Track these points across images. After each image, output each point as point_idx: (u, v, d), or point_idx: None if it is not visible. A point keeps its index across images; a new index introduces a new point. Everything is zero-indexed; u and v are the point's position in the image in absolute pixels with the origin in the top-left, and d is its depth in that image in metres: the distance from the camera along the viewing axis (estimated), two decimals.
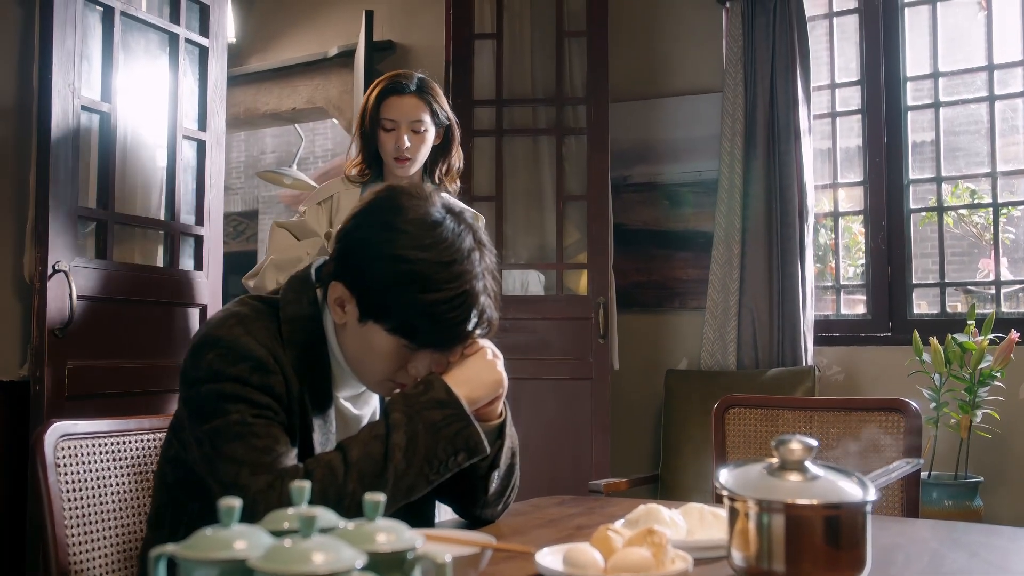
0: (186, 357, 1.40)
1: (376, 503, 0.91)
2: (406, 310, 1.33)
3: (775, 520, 1.15)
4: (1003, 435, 3.35)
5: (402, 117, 2.52)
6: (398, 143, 2.52)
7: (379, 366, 1.39)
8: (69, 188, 2.53)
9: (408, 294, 1.32)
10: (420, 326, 1.34)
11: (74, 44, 2.55)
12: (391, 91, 2.55)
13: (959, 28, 4.12)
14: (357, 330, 1.38)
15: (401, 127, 2.52)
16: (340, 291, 1.38)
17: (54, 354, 2.50)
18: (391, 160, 2.56)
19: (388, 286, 1.33)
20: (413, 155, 2.54)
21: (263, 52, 5.37)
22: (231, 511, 0.87)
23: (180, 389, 1.41)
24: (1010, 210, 3.87)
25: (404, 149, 2.52)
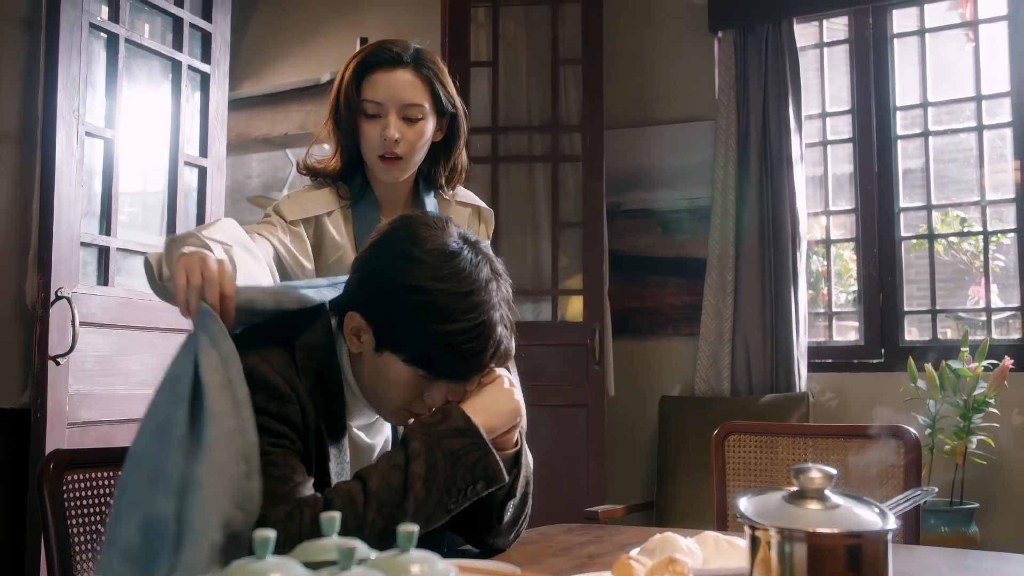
0: None
1: (410, 534, 0.91)
2: (423, 341, 1.33)
3: (797, 549, 1.15)
4: (997, 461, 3.37)
5: (390, 98, 1.80)
6: (384, 133, 1.80)
7: (395, 396, 1.39)
8: (72, 214, 2.53)
9: (426, 325, 1.32)
10: (437, 357, 1.34)
11: (79, 70, 2.55)
12: (375, 63, 1.81)
13: (948, 59, 4.18)
14: (373, 360, 1.38)
15: (389, 111, 1.80)
16: (356, 321, 1.38)
17: (55, 381, 2.48)
18: (373, 160, 1.84)
19: (405, 317, 1.33)
20: (405, 152, 1.82)
21: (256, 77, 5.39)
22: (266, 543, 0.87)
23: None
24: (999, 238, 3.91)
25: (392, 142, 1.79)
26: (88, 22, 2.63)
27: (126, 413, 2.71)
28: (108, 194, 2.69)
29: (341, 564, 0.83)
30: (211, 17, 3.09)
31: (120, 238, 2.75)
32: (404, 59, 1.82)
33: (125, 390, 2.74)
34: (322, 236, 1.87)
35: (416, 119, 1.81)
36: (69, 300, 2.47)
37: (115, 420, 2.67)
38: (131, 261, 2.86)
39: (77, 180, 2.55)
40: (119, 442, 2.61)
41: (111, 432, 2.66)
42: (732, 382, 3.86)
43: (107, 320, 2.65)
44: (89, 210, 2.67)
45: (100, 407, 2.64)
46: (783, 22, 3.91)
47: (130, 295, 2.78)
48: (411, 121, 1.81)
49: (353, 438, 1.48)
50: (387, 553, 0.91)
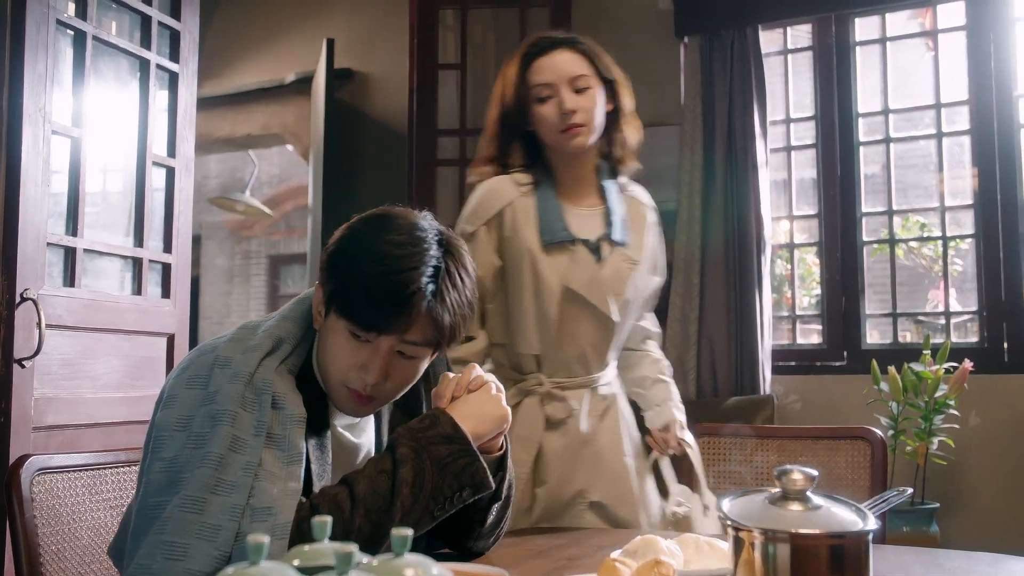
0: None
1: (404, 537, 0.91)
2: (347, 283, 1.32)
3: (780, 550, 1.17)
4: (957, 462, 3.44)
5: (558, 76, 1.93)
6: (562, 108, 1.91)
7: (335, 365, 1.36)
8: (38, 214, 2.48)
9: (350, 265, 1.33)
10: (356, 300, 1.31)
11: (45, 68, 2.51)
12: (536, 52, 1.97)
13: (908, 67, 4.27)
14: (322, 332, 1.39)
15: (561, 88, 1.93)
16: (318, 293, 1.40)
17: (20, 385, 2.43)
18: (556, 136, 1.94)
19: (338, 263, 1.35)
20: (585, 120, 1.92)
21: (218, 77, 5.33)
22: (260, 547, 0.86)
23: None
24: (958, 243, 4.00)
25: (571, 113, 1.91)
26: (55, 18, 2.58)
27: (93, 417, 2.67)
28: (75, 194, 2.64)
29: (338, 569, 0.83)
30: (180, 15, 3.05)
31: (87, 239, 2.71)
32: (561, 42, 1.98)
33: (92, 393, 2.69)
34: (509, 225, 1.98)
35: (586, 88, 1.95)
36: (35, 302, 2.42)
37: (81, 424, 2.63)
38: (98, 262, 2.81)
39: (43, 180, 2.50)
40: (85, 446, 2.58)
41: (77, 436, 2.61)
42: (697, 384, 3.89)
43: (73, 322, 2.61)
44: (55, 210, 2.62)
45: (66, 411, 2.59)
46: (748, 29, 3.96)
47: (96, 297, 2.74)
48: (582, 91, 1.94)
49: (338, 437, 1.47)
50: (381, 557, 0.90)
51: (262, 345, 1.36)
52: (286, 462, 1.30)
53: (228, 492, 1.24)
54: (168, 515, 1.24)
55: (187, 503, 1.23)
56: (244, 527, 1.24)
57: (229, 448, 1.27)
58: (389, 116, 4.67)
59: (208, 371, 1.33)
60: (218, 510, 1.23)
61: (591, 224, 2.04)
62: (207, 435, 1.27)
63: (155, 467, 1.29)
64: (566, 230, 1.99)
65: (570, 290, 1.97)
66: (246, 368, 1.33)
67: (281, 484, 1.28)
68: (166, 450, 1.29)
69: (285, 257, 10.44)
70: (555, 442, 2.00)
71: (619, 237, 2.03)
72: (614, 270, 2.02)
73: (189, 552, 1.21)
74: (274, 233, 10.48)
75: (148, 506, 1.27)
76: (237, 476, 1.26)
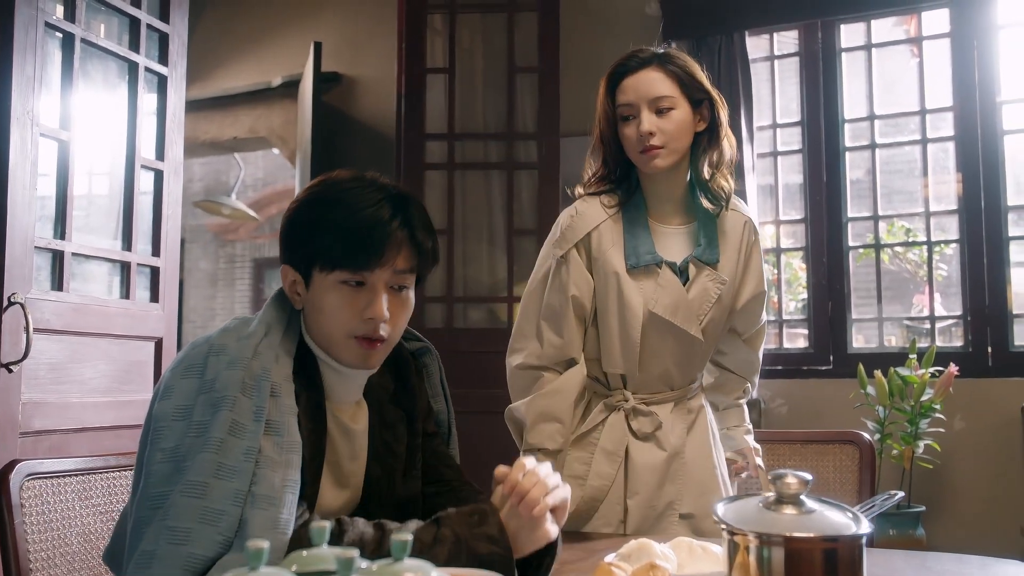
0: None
1: (404, 542, 0.91)
2: (324, 237, 1.36)
3: (775, 553, 1.17)
4: (943, 465, 3.47)
5: (639, 96, 1.91)
6: (639, 129, 1.90)
7: (337, 322, 1.38)
8: (26, 217, 2.47)
9: (320, 220, 1.37)
10: (339, 245, 1.36)
11: (34, 70, 2.49)
12: (623, 72, 1.95)
13: (893, 74, 4.30)
14: (311, 302, 1.40)
15: (641, 109, 1.90)
16: (289, 273, 1.42)
17: (7, 389, 2.42)
18: (636, 157, 1.93)
19: (306, 226, 1.39)
20: (663, 142, 1.89)
21: (204, 80, 5.31)
22: (259, 553, 0.86)
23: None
24: (943, 248, 4.03)
25: (648, 135, 1.88)
26: (43, 21, 2.56)
27: (80, 422, 2.65)
28: (63, 197, 2.63)
29: (340, 574, 0.83)
30: (168, 18, 3.04)
31: (75, 242, 2.69)
32: (648, 60, 1.94)
33: (79, 398, 2.68)
34: (596, 247, 1.97)
35: (668, 109, 1.90)
36: (23, 305, 2.40)
37: (69, 429, 2.61)
38: (86, 266, 2.80)
39: (31, 183, 2.48)
40: (73, 451, 2.56)
41: (65, 441, 2.59)
42: None
43: (61, 326, 2.59)
44: (43, 214, 2.61)
45: (54, 416, 2.57)
46: (735, 34, 3.98)
47: (84, 301, 2.72)
48: (663, 112, 1.90)
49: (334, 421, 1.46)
50: (381, 562, 0.90)
51: (256, 332, 1.38)
52: (286, 449, 1.31)
53: (230, 477, 1.25)
54: (171, 502, 1.24)
55: (189, 488, 1.24)
56: (246, 514, 1.25)
57: (229, 432, 1.27)
58: (377, 120, 4.67)
59: (203, 360, 1.34)
60: (220, 495, 1.24)
61: (680, 244, 2.00)
62: (208, 422, 1.28)
63: (156, 458, 1.29)
64: (651, 253, 1.96)
65: (654, 314, 1.95)
66: (242, 355, 1.34)
67: (282, 472, 1.29)
68: (166, 440, 1.29)
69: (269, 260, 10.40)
70: (645, 455, 1.98)
71: (707, 257, 1.97)
72: (701, 290, 1.97)
73: (192, 536, 1.22)
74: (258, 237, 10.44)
75: (151, 496, 1.27)
76: (238, 461, 1.26)
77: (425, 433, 1.62)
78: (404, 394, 1.57)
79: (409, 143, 4.06)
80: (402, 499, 1.53)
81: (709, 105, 1.95)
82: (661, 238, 1.99)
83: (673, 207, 2.00)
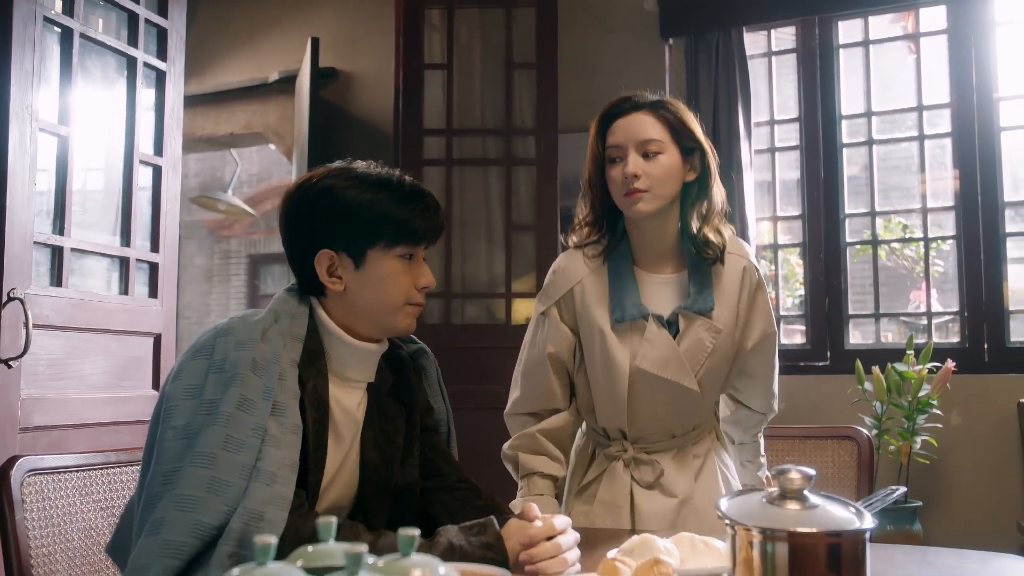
0: None
1: (411, 538, 0.91)
2: (379, 215, 1.46)
3: (779, 548, 1.18)
4: (940, 461, 3.48)
5: (628, 138, 1.86)
6: (624, 171, 1.85)
7: (395, 291, 1.48)
8: (25, 213, 2.46)
9: (371, 203, 1.46)
10: (396, 220, 1.46)
11: (33, 65, 2.49)
12: (615, 114, 1.90)
13: (891, 70, 4.30)
14: (360, 278, 1.47)
15: (628, 151, 1.86)
16: (326, 257, 1.47)
17: (6, 385, 2.41)
18: (621, 200, 1.88)
19: (357, 211, 1.46)
20: (648, 186, 1.83)
21: (200, 76, 5.29)
22: (266, 549, 0.86)
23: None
24: (940, 244, 4.04)
25: (632, 177, 1.83)
26: (42, 15, 2.56)
27: (80, 418, 2.65)
28: (62, 192, 2.62)
29: (348, 569, 0.83)
30: (167, 13, 3.03)
31: (74, 238, 2.69)
32: (641, 105, 1.89)
33: (78, 394, 2.67)
34: (579, 303, 1.94)
35: (655, 153, 1.85)
36: (22, 301, 2.40)
37: (68, 425, 2.60)
38: (85, 261, 2.79)
39: (30, 178, 2.48)
40: (72, 447, 2.56)
41: (64, 437, 2.59)
42: None
43: (60, 322, 2.59)
44: (41, 209, 2.60)
45: (53, 411, 2.57)
46: (733, 30, 3.98)
47: (84, 296, 2.72)
48: (650, 156, 1.85)
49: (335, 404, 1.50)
50: (388, 557, 0.91)
51: (265, 319, 1.44)
52: (289, 430, 1.36)
53: (237, 450, 1.30)
54: (181, 472, 1.29)
55: (198, 459, 1.29)
56: (249, 485, 1.30)
57: (238, 407, 1.32)
58: (374, 116, 4.66)
59: (212, 341, 1.40)
60: (227, 467, 1.29)
61: (670, 294, 1.93)
62: (218, 399, 1.33)
63: (168, 435, 1.34)
64: (637, 306, 1.90)
65: (641, 369, 1.89)
66: (251, 336, 1.39)
67: (284, 451, 1.34)
68: (177, 418, 1.34)
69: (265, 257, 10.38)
70: (651, 503, 1.94)
71: (699, 307, 1.90)
72: (694, 342, 1.90)
73: (199, 505, 1.27)
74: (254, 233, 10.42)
75: (163, 472, 1.32)
76: (246, 435, 1.32)
77: (424, 428, 1.65)
78: (403, 389, 1.61)
79: (407, 139, 4.05)
80: (398, 486, 1.57)
81: (701, 155, 1.89)
82: (649, 288, 1.93)
83: (662, 256, 1.94)
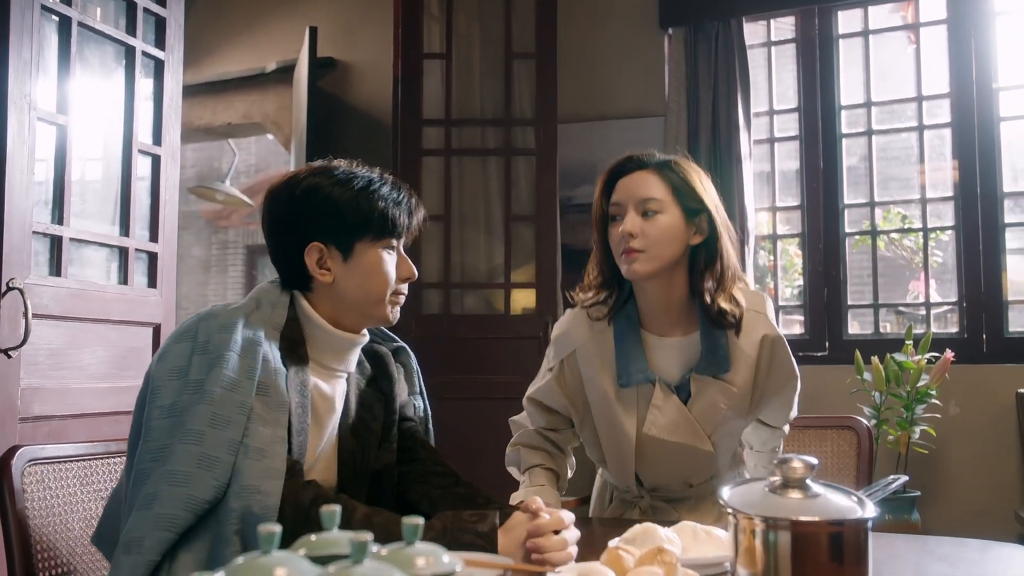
0: None
1: (415, 526, 0.91)
2: (366, 210, 1.51)
3: (781, 537, 1.18)
4: (938, 450, 3.49)
5: (628, 196, 1.80)
6: (621, 229, 1.79)
7: (380, 282, 1.53)
8: (24, 202, 2.45)
9: (369, 196, 1.52)
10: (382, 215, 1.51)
11: (31, 54, 2.47)
12: (620, 172, 1.85)
13: (890, 60, 4.30)
14: (348, 270, 1.51)
15: (628, 209, 1.80)
16: (316, 249, 1.51)
17: (6, 375, 2.41)
18: (618, 259, 1.81)
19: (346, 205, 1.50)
20: (644, 245, 1.77)
21: (198, 65, 5.27)
22: (271, 537, 0.86)
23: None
24: (938, 234, 4.05)
25: (628, 236, 1.77)
26: (39, 4, 2.54)
27: (79, 407, 2.64)
28: (60, 182, 2.62)
29: (354, 558, 0.83)
30: (165, 2, 3.02)
31: (73, 227, 2.68)
32: (645, 164, 1.84)
33: (78, 384, 2.67)
34: (583, 366, 1.91)
35: (655, 212, 1.79)
36: (21, 291, 2.39)
37: (68, 415, 2.60)
38: (83, 251, 2.79)
39: (28, 167, 2.47)
40: (72, 437, 2.56)
41: (64, 427, 2.59)
42: None
43: (59, 312, 2.58)
44: (40, 199, 2.60)
45: (53, 401, 2.57)
46: (732, 20, 3.97)
47: (83, 286, 2.71)
48: (649, 215, 1.79)
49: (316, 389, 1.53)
50: (392, 546, 0.90)
51: (246, 305, 1.48)
52: (274, 408, 1.40)
53: (224, 427, 1.34)
54: (171, 449, 1.33)
55: (186, 436, 1.33)
56: (240, 463, 1.34)
57: (223, 386, 1.36)
58: (373, 105, 4.65)
59: (195, 325, 1.44)
60: (215, 443, 1.33)
61: (680, 357, 1.86)
62: (203, 379, 1.37)
63: (154, 415, 1.37)
64: (643, 371, 1.84)
65: (649, 436, 1.85)
66: (232, 320, 1.43)
67: (271, 428, 1.38)
68: (163, 398, 1.38)
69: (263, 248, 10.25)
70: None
71: (711, 371, 1.82)
72: (708, 405, 1.84)
73: (191, 480, 1.30)
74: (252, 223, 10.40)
75: (151, 450, 1.35)
76: (232, 412, 1.35)
77: (403, 417, 1.69)
78: (383, 379, 1.67)
79: (406, 129, 4.05)
80: (375, 471, 1.61)
81: (708, 217, 1.82)
82: (656, 352, 1.87)
83: (670, 319, 1.86)
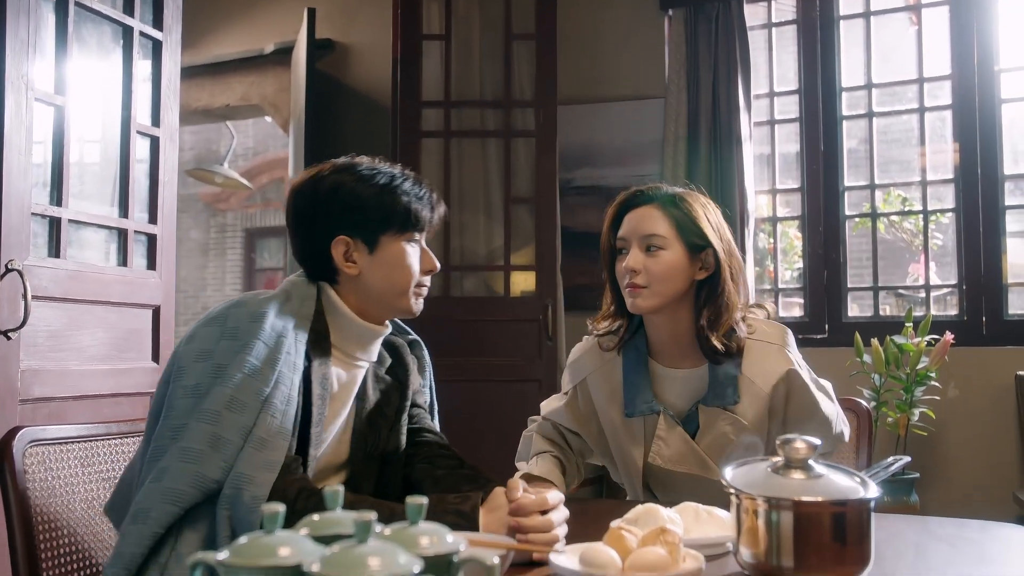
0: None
1: (419, 506, 0.91)
2: (392, 205, 1.55)
3: (784, 517, 1.18)
4: (937, 432, 3.50)
5: (632, 231, 1.82)
6: (624, 264, 1.82)
7: (405, 274, 1.56)
8: (22, 183, 2.44)
9: (394, 190, 1.56)
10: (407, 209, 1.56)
11: (28, 34, 2.46)
12: (628, 206, 1.86)
13: (891, 42, 4.28)
14: (374, 262, 1.55)
15: (632, 244, 1.82)
16: (343, 242, 1.54)
17: (6, 356, 2.41)
18: (623, 292, 1.84)
19: (373, 200, 1.54)
20: (647, 281, 1.79)
21: (196, 47, 5.24)
22: (274, 517, 0.86)
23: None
24: (939, 217, 4.04)
25: (630, 271, 1.80)
26: None
27: (79, 389, 2.64)
28: (59, 163, 2.60)
29: (358, 537, 0.83)
30: None
31: (71, 209, 2.67)
32: (651, 198, 1.85)
33: (78, 365, 2.67)
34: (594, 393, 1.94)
35: (657, 248, 1.80)
36: (20, 272, 2.39)
37: (68, 396, 2.60)
38: (82, 233, 2.78)
39: (26, 148, 2.46)
40: (72, 419, 2.55)
41: (63, 408, 2.58)
42: None
43: (58, 293, 2.58)
44: (38, 180, 2.59)
45: (53, 383, 2.56)
46: (733, 2, 3.96)
47: (82, 268, 2.70)
48: (652, 251, 1.80)
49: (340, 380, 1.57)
50: (396, 525, 0.90)
51: (276, 296, 1.53)
52: (286, 403, 1.43)
53: (240, 411, 1.38)
54: (188, 427, 1.37)
55: (203, 415, 1.37)
56: (244, 451, 1.37)
57: (245, 373, 1.40)
58: (371, 87, 4.63)
59: (225, 311, 1.48)
60: (230, 425, 1.36)
61: (688, 389, 1.86)
62: (227, 364, 1.40)
63: (178, 394, 1.41)
64: (649, 402, 1.85)
65: (656, 466, 1.86)
66: (262, 309, 1.46)
67: (278, 420, 1.41)
68: (187, 378, 1.42)
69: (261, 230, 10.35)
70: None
71: (718, 402, 1.81)
72: (717, 436, 1.82)
73: (203, 458, 1.34)
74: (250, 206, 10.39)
75: (171, 427, 1.39)
76: (249, 398, 1.39)
77: (414, 403, 1.73)
78: (399, 367, 1.70)
79: (405, 111, 4.03)
80: (385, 452, 1.65)
81: (714, 253, 1.81)
82: (664, 383, 1.87)
83: (679, 351, 1.86)
